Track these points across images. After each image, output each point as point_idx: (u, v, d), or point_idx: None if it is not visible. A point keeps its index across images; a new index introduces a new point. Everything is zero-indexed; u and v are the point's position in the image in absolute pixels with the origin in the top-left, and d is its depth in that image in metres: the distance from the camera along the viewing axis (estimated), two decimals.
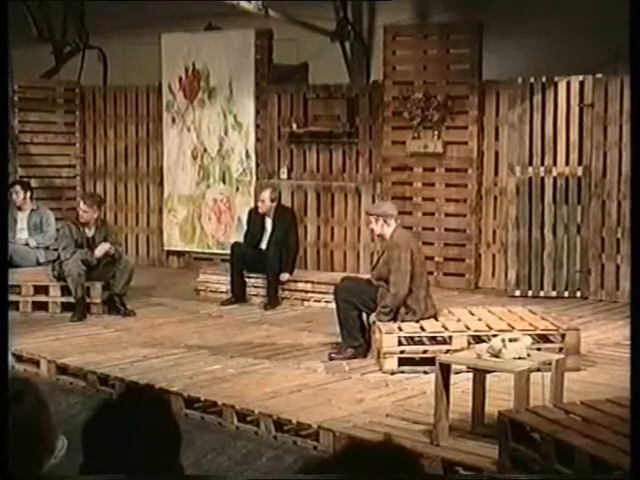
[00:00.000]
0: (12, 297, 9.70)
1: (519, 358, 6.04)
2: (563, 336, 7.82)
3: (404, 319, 8.02)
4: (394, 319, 8.02)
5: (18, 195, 11.53)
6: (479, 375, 6.30)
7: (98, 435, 2.60)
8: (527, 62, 11.66)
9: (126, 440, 2.56)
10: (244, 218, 11.45)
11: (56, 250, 10.39)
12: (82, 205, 10.13)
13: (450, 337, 7.81)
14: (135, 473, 2.53)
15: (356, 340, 8.17)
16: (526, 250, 10.99)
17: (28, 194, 11.64)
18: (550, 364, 6.14)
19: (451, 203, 11.46)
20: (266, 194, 10.72)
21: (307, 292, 10.60)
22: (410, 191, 11.62)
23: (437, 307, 8.36)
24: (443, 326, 7.99)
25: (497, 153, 11.34)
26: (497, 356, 6.07)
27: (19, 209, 11.55)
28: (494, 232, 11.44)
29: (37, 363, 8.28)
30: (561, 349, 7.57)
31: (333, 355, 8.16)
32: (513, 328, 7.69)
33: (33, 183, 12.54)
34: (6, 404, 2.55)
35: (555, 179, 10.88)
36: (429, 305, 8.20)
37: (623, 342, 8.30)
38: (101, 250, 9.98)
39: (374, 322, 8.07)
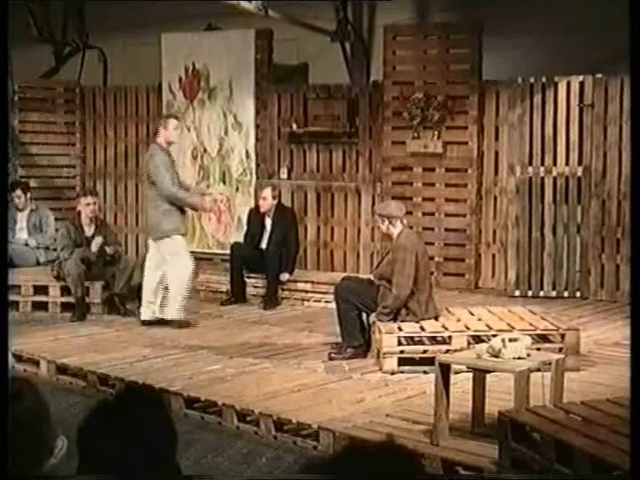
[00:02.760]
0: (12, 297, 9.71)
1: (519, 358, 6.04)
2: (563, 336, 7.82)
3: (404, 320, 8.02)
4: (394, 320, 8.02)
5: (20, 199, 11.55)
6: (479, 375, 6.30)
7: (91, 436, 2.59)
8: (527, 62, 11.65)
9: (120, 440, 2.55)
10: (244, 218, 11.45)
11: (56, 250, 10.41)
12: (90, 198, 10.34)
13: (450, 337, 7.80)
14: (131, 473, 2.52)
15: (356, 340, 8.17)
16: (526, 250, 10.99)
17: (28, 195, 11.66)
18: (550, 364, 6.14)
19: (451, 203, 11.46)
20: (268, 191, 10.73)
21: (307, 292, 10.60)
22: (410, 191, 11.61)
23: (438, 309, 8.35)
24: (443, 326, 7.99)
25: (497, 153, 11.34)
26: (497, 356, 6.06)
27: (18, 209, 11.55)
28: (494, 232, 11.44)
29: (37, 363, 8.28)
30: (561, 349, 7.57)
31: (333, 355, 8.16)
32: (513, 328, 7.68)
33: (33, 183, 12.54)
34: (6, 404, 2.55)
35: (555, 179, 10.88)
36: (430, 307, 8.18)
37: (623, 342, 8.29)
38: (96, 244, 10.06)
39: (374, 322, 8.07)
